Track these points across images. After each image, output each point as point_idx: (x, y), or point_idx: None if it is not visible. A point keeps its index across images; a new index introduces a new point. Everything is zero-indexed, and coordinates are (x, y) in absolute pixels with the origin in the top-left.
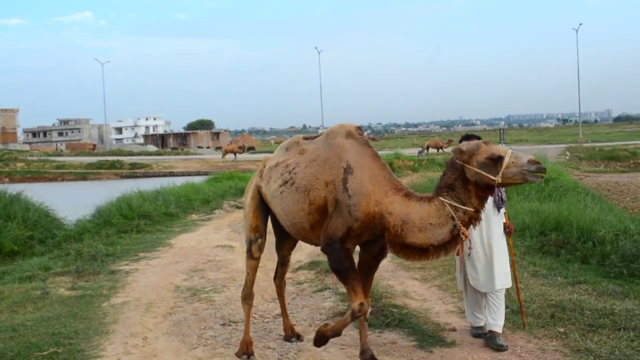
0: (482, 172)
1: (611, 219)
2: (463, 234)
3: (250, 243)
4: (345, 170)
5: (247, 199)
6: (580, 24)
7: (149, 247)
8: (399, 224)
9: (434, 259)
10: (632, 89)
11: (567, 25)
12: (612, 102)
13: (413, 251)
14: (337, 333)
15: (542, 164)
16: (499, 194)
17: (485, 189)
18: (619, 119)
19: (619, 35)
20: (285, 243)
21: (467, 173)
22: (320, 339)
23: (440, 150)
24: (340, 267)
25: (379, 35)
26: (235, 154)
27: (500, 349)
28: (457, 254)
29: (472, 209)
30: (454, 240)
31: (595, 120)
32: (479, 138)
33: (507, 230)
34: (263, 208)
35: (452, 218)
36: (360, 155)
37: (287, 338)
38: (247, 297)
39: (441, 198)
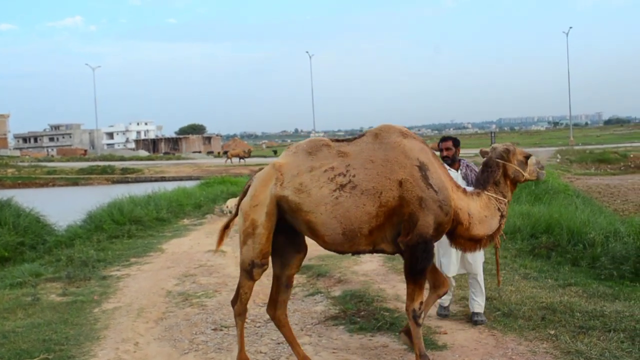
0: (519, 169)
1: (601, 221)
2: (503, 223)
3: (252, 266)
4: (420, 168)
5: (259, 216)
6: (571, 28)
7: (140, 252)
8: (467, 218)
9: (484, 248)
10: (622, 92)
11: (558, 29)
12: (602, 105)
13: (474, 243)
14: (422, 350)
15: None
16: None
17: (515, 184)
18: (609, 122)
19: (609, 39)
20: (294, 259)
21: (509, 170)
22: None
23: None
24: (427, 265)
25: (370, 39)
26: (241, 158)
27: (480, 323)
28: (495, 246)
29: (508, 201)
30: (498, 230)
31: (586, 123)
32: (456, 139)
33: None
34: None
35: (499, 209)
36: (425, 153)
37: None
38: (242, 313)
39: (487, 192)
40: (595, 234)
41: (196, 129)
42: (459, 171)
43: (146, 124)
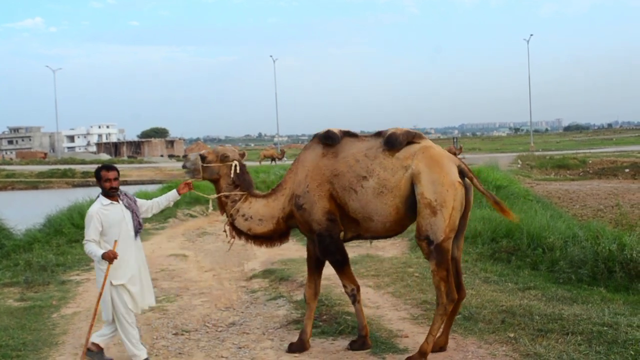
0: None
1: (560, 225)
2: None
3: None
4: None
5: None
6: (531, 35)
7: None
8: None
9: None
10: (581, 99)
11: (519, 36)
12: (562, 112)
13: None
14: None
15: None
16: (138, 219)
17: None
18: (568, 128)
19: (570, 47)
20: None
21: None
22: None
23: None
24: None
25: (334, 44)
26: (274, 159)
27: None
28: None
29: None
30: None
31: (546, 130)
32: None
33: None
34: None
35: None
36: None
37: None
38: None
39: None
40: (555, 239)
41: (159, 133)
42: (121, 202)
43: (108, 127)
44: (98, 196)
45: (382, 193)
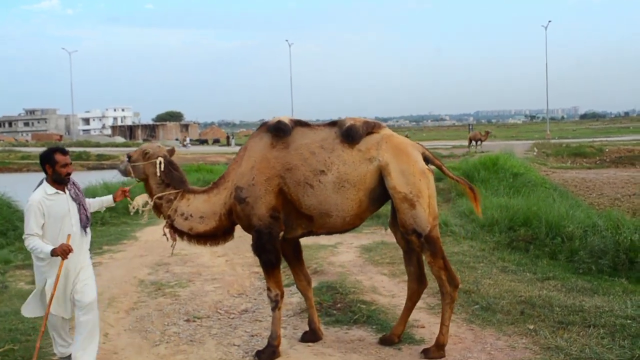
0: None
1: (579, 214)
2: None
3: None
4: None
5: None
6: (550, 22)
7: (113, 240)
8: None
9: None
10: (598, 87)
11: (537, 23)
12: (578, 100)
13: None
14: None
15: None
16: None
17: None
18: (585, 116)
19: (587, 34)
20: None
21: None
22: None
23: (479, 143)
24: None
25: (352, 30)
26: (479, 141)
27: None
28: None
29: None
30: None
31: (562, 117)
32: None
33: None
34: None
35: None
36: None
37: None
38: None
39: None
40: (574, 228)
41: (174, 116)
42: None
43: (123, 110)
44: (40, 183)
45: (344, 187)
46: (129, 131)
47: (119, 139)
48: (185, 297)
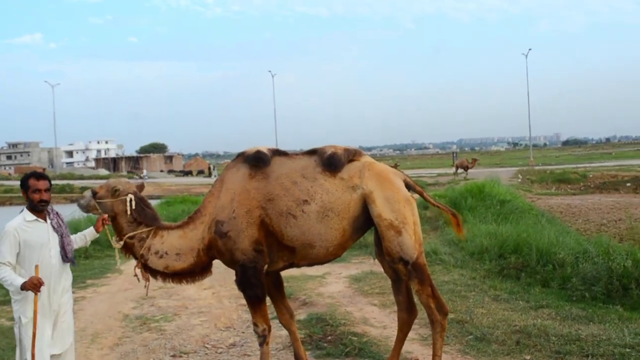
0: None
1: (569, 241)
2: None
3: None
4: None
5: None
6: (530, 49)
7: (97, 273)
8: None
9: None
10: (579, 113)
11: (517, 51)
12: (560, 127)
13: None
14: None
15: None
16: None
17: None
18: (567, 143)
19: (568, 61)
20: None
21: None
22: None
23: (467, 170)
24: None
25: (330, 60)
26: (466, 168)
27: None
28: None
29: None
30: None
31: (545, 144)
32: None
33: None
34: None
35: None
36: None
37: None
38: None
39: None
40: (565, 254)
41: (157, 148)
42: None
43: (107, 142)
44: (22, 210)
45: (328, 217)
46: (113, 163)
47: (103, 171)
48: (171, 332)
